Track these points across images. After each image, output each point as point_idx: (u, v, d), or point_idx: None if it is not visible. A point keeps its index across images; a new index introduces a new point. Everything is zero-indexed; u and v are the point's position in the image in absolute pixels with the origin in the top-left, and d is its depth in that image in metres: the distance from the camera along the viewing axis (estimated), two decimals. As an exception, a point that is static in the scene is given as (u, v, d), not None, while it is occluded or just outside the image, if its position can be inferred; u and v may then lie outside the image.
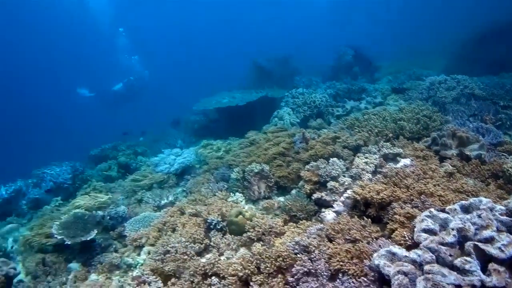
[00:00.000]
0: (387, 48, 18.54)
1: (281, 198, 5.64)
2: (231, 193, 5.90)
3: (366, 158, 5.33)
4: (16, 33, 33.01)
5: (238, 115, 10.92)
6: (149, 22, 37.74)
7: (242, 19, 41.48)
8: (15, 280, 5.14)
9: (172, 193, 6.94)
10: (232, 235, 4.67)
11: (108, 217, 5.90)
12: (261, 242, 4.26)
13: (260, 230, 4.40)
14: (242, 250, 4.44)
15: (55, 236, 5.41)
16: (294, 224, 4.49)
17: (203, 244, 4.57)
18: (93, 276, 5.06)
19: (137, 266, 4.74)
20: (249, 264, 3.73)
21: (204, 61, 38.65)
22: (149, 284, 3.91)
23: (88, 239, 5.28)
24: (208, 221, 4.90)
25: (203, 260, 4.24)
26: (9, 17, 31.32)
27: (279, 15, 40.13)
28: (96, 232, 5.39)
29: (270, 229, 4.39)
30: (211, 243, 4.59)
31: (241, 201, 5.66)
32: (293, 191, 5.62)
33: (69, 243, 5.27)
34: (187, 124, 13.25)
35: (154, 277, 4.00)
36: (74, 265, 5.50)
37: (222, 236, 4.70)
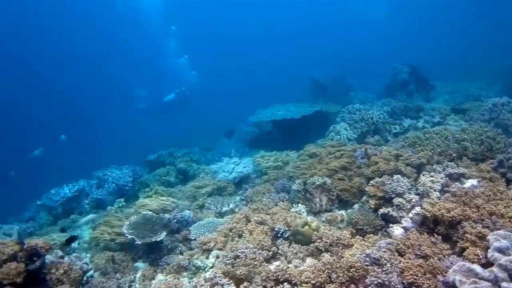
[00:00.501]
0: (437, 66, 18.29)
1: (342, 212, 5.74)
2: (294, 204, 6.05)
3: (432, 176, 5.38)
4: (79, 38, 34.39)
5: (292, 128, 11.07)
6: (204, 30, 38.38)
7: (296, 33, 41.58)
8: (86, 275, 5.41)
9: (232, 200, 7.14)
10: (299, 245, 4.80)
11: (175, 220, 6.14)
12: (328, 253, 4.37)
13: (327, 241, 4.52)
14: (309, 260, 4.57)
15: (126, 235, 5.68)
16: (361, 237, 4.58)
17: (271, 252, 4.73)
18: (160, 276, 5.27)
19: (206, 269, 4.92)
20: (321, 273, 3.86)
21: (254, 73, 38.88)
22: (221, 286, 4.09)
23: (157, 240, 5.51)
24: (276, 229, 5.06)
25: (272, 267, 4.40)
26: (61, 20, 32.68)
27: (334, 31, 40.08)
28: (165, 233, 5.62)
29: (337, 241, 4.50)
30: (279, 251, 4.75)
31: (303, 213, 5.78)
32: (356, 206, 5.72)
33: (139, 242, 5.52)
34: (241, 135, 13.50)
35: (226, 280, 4.17)
36: (140, 264, 5.74)
37: (289, 245, 4.84)
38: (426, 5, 35.46)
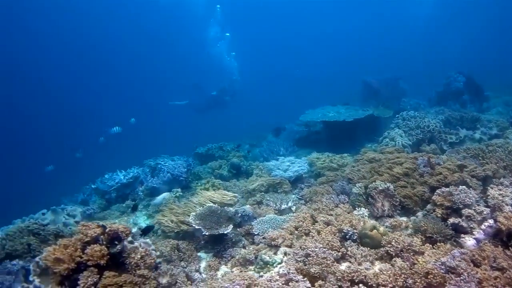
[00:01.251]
0: (485, 73, 17.92)
1: (404, 218, 5.80)
2: (356, 208, 6.15)
3: (500, 190, 5.39)
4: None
5: (342, 130, 11.14)
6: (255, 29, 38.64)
7: (343, 35, 41.28)
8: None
9: (291, 199, 7.27)
10: (367, 248, 4.90)
11: (239, 214, 6.29)
12: (399, 258, 4.46)
13: (398, 246, 4.61)
14: (378, 263, 4.66)
15: (193, 225, 5.87)
16: (430, 246, 4.65)
17: (340, 253, 4.84)
18: (224, 268, 5.42)
19: (274, 264, 5.05)
20: (397, 277, 3.96)
21: (298, 73, 38.79)
22: (296, 282, 4.21)
23: (224, 232, 5.68)
24: (344, 231, 5.17)
25: (342, 267, 4.51)
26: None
27: (380, 33, 39.67)
28: (231, 227, 5.78)
29: (408, 247, 4.58)
30: (348, 253, 4.85)
31: (366, 216, 5.87)
32: (419, 213, 5.79)
33: (206, 233, 5.70)
34: (289, 134, 13.63)
35: (301, 276, 4.30)
36: (203, 254, 5.92)
37: (357, 247, 4.94)
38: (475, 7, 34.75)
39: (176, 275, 5.00)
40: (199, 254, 5.94)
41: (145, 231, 6.08)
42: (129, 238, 5.20)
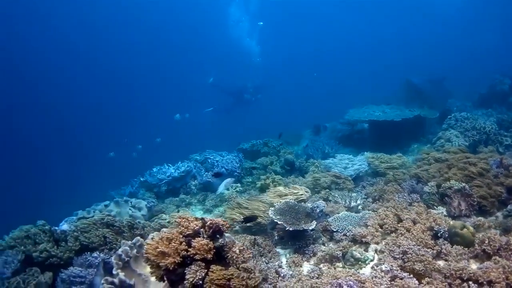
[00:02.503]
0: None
1: (481, 218, 5.84)
2: (431, 206, 6.22)
3: None
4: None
5: (388, 130, 11.19)
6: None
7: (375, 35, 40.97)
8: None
9: (360, 197, 7.33)
10: (460, 246, 4.95)
11: (317, 210, 6.35)
12: (498, 257, 4.51)
13: (496, 245, 4.67)
14: (474, 262, 4.73)
15: (275, 220, 5.94)
16: (526, 245, 4.71)
17: (435, 250, 4.91)
18: (306, 265, 5.46)
19: (366, 261, 5.13)
20: (508, 275, 4.03)
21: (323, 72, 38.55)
22: (402, 279, 4.29)
23: (309, 228, 5.73)
24: (435, 229, 5.24)
25: (441, 264, 4.58)
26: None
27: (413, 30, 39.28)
28: (315, 223, 5.84)
29: (506, 246, 4.64)
30: (443, 250, 4.91)
31: (445, 216, 5.93)
32: (499, 214, 5.86)
33: (290, 229, 5.75)
34: (331, 132, 13.69)
35: (407, 274, 4.37)
36: (280, 250, 6.00)
37: (451, 246, 5.00)
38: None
39: (266, 270, 5.07)
40: (277, 249, 6.00)
41: (248, 220, 6.16)
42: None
